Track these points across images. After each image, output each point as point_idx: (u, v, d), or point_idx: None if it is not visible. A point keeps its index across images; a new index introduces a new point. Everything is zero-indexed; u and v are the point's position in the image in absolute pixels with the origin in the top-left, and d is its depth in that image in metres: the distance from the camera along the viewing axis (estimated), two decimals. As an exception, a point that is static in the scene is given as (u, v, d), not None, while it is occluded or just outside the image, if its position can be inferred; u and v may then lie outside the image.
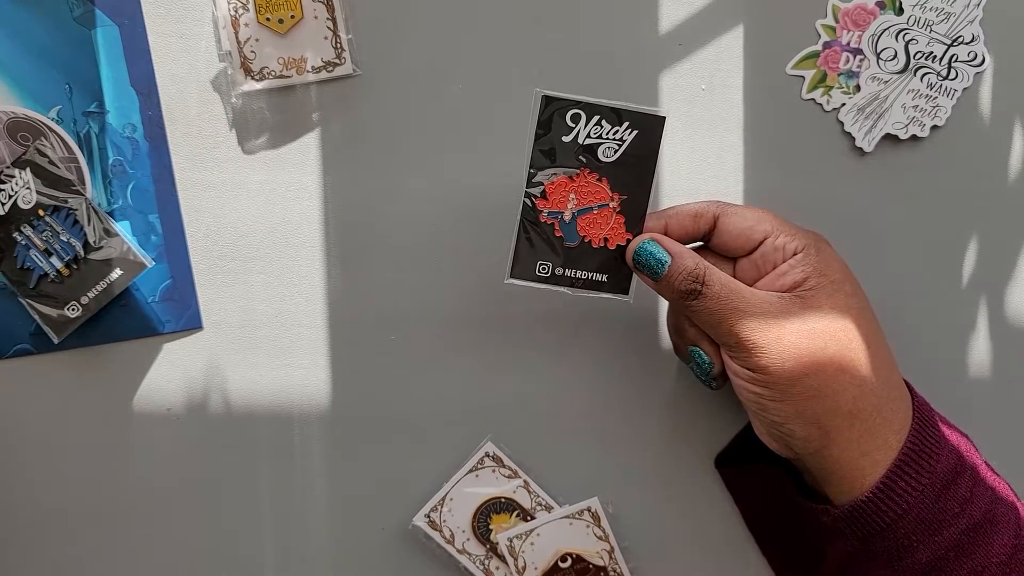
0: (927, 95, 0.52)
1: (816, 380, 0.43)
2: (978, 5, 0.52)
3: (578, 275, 0.46)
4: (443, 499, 0.53)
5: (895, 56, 0.52)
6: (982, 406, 0.55)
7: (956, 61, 0.52)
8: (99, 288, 0.49)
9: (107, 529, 0.53)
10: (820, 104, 0.53)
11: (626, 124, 0.45)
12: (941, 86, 0.52)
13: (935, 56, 0.52)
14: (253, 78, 0.51)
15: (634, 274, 0.46)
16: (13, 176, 0.49)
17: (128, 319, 0.52)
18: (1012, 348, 0.55)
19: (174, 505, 0.53)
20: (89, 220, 0.49)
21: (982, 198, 0.54)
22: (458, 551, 0.53)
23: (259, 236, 0.52)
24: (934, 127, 0.53)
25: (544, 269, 0.46)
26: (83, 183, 0.51)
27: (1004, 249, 0.55)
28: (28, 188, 0.49)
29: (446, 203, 0.52)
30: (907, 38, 0.52)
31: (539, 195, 0.46)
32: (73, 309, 0.49)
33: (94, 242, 0.49)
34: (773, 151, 0.53)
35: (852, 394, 0.43)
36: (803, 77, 0.53)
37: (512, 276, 0.46)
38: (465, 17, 0.52)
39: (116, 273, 0.49)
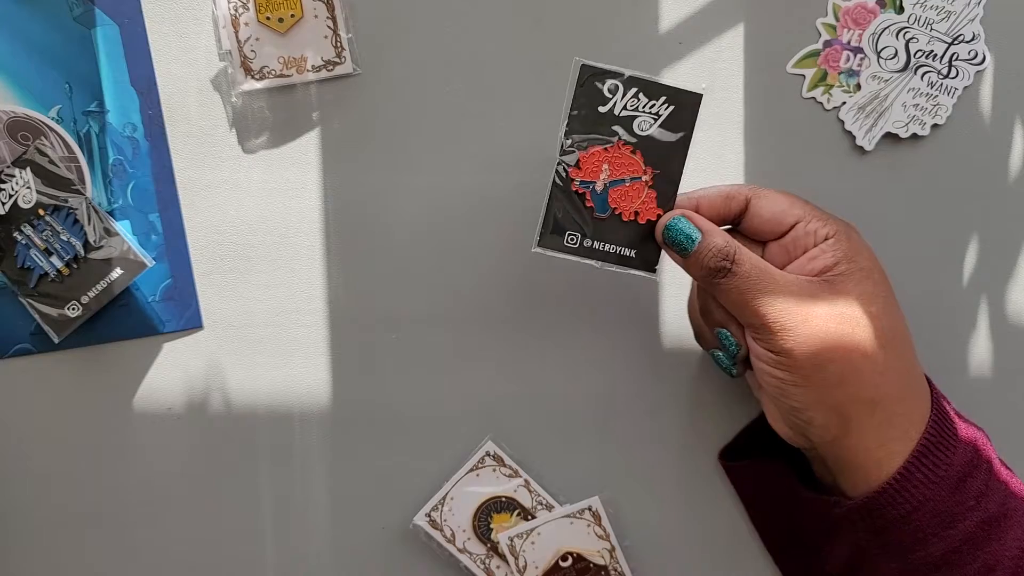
0: (928, 94, 0.52)
1: (840, 366, 0.43)
2: (979, 3, 0.52)
3: (607, 248, 0.46)
4: (444, 498, 0.53)
5: (896, 55, 0.52)
6: (982, 406, 0.55)
7: (957, 59, 0.52)
8: (99, 288, 0.49)
9: (107, 529, 0.53)
10: (820, 103, 0.53)
11: (663, 99, 0.44)
12: (942, 84, 0.52)
13: (936, 55, 0.52)
14: (253, 77, 0.51)
15: (662, 251, 0.46)
16: (13, 175, 0.49)
17: (128, 319, 0.52)
18: (1012, 348, 0.55)
19: (174, 505, 0.53)
20: (89, 219, 0.49)
21: (983, 197, 0.54)
22: (459, 550, 0.53)
23: (259, 235, 0.52)
24: (935, 126, 0.53)
25: (572, 240, 0.45)
26: (83, 182, 0.51)
27: (1004, 248, 0.55)
28: (28, 187, 0.49)
29: (446, 202, 0.52)
30: (908, 36, 0.52)
31: (573, 164, 0.45)
32: (73, 308, 0.49)
33: (94, 241, 0.49)
34: (773, 150, 0.53)
35: (875, 382, 0.43)
36: (803, 76, 0.53)
37: (540, 245, 0.45)
38: (465, 16, 0.52)
39: (116, 272, 0.49)
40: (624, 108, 0.44)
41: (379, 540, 0.53)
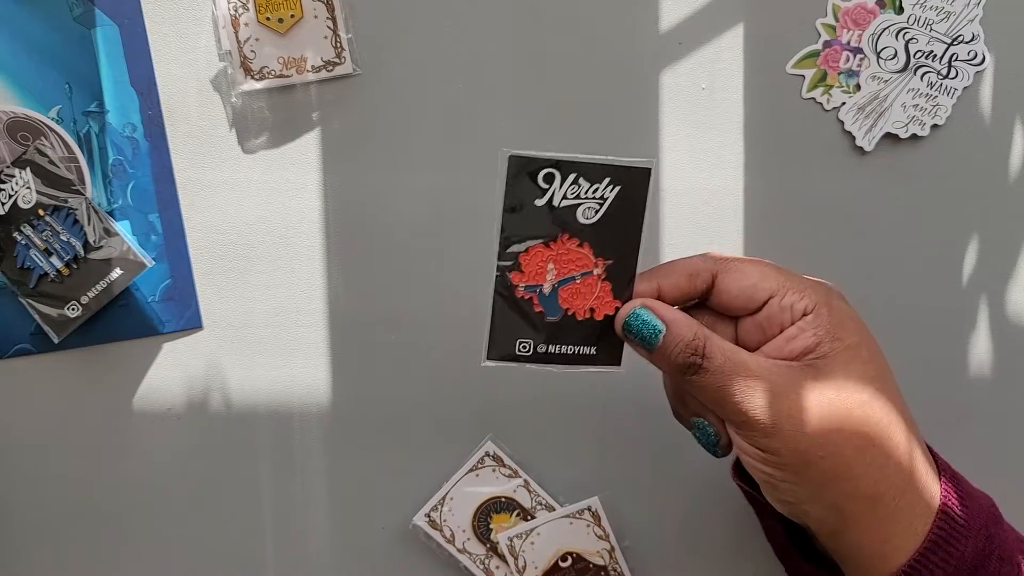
0: (927, 94, 0.52)
1: (833, 462, 0.39)
2: (978, 4, 0.52)
3: (563, 351, 0.42)
4: (443, 498, 0.53)
5: (895, 55, 0.52)
6: (982, 406, 0.55)
7: (956, 60, 0.52)
8: (99, 288, 0.49)
9: (107, 529, 0.53)
10: (820, 103, 0.53)
11: (607, 180, 0.40)
12: (941, 85, 0.52)
13: (935, 55, 0.52)
14: (253, 77, 0.51)
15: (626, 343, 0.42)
16: (13, 176, 0.49)
17: (128, 319, 0.52)
18: (1012, 348, 0.55)
19: (174, 505, 0.53)
20: (89, 220, 0.49)
21: (982, 197, 0.54)
22: (458, 551, 0.53)
23: (259, 235, 0.52)
24: (934, 126, 0.53)
25: (524, 347, 0.41)
26: (83, 183, 0.50)
27: (1004, 249, 0.55)
28: (28, 188, 0.49)
29: (446, 202, 0.52)
30: (907, 37, 0.52)
31: (513, 267, 0.40)
32: (73, 309, 0.49)
33: (94, 242, 0.49)
34: (773, 150, 0.53)
35: (873, 477, 0.39)
36: (803, 76, 0.53)
37: (489, 358, 0.41)
38: (465, 17, 0.52)
39: (116, 273, 0.49)
40: (564, 197, 0.40)
41: (379, 540, 0.53)
